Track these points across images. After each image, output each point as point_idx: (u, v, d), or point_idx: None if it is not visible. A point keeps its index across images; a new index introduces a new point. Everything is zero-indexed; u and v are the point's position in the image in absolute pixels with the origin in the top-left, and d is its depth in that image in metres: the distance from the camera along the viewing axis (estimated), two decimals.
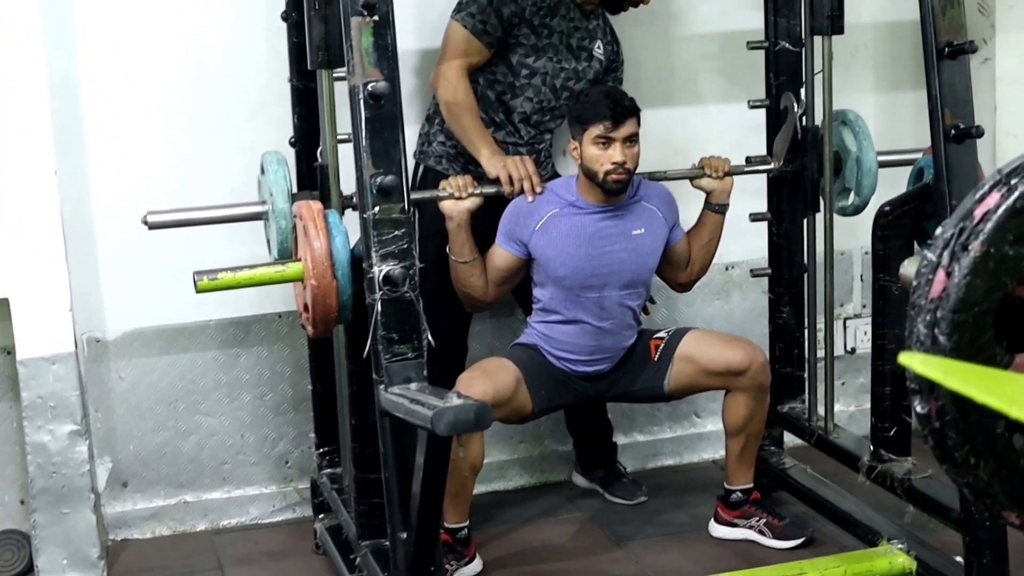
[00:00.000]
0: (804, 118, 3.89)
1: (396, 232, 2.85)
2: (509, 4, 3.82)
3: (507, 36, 3.85)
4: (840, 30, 3.78)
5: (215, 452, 4.18)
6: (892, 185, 3.86)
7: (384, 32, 2.86)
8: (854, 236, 4.32)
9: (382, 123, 2.86)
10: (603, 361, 3.78)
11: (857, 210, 3.91)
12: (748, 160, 3.99)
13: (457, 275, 3.68)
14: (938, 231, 1.70)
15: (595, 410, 4.28)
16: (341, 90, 3.06)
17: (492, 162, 3.73)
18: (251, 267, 3.05)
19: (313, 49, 3.19)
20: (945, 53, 3.19)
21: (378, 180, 2.84)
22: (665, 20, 4.34)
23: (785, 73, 3.96)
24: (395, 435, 2.90)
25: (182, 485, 4.17)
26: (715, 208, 3.84)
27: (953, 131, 3.18)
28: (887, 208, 3.52)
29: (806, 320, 4.08)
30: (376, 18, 2.85)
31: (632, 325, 3.80)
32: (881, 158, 3.86)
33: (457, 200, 3.57)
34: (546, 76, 3.91)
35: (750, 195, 4.06)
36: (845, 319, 4.70)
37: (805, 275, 4.05)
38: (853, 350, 4.71)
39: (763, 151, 4.03)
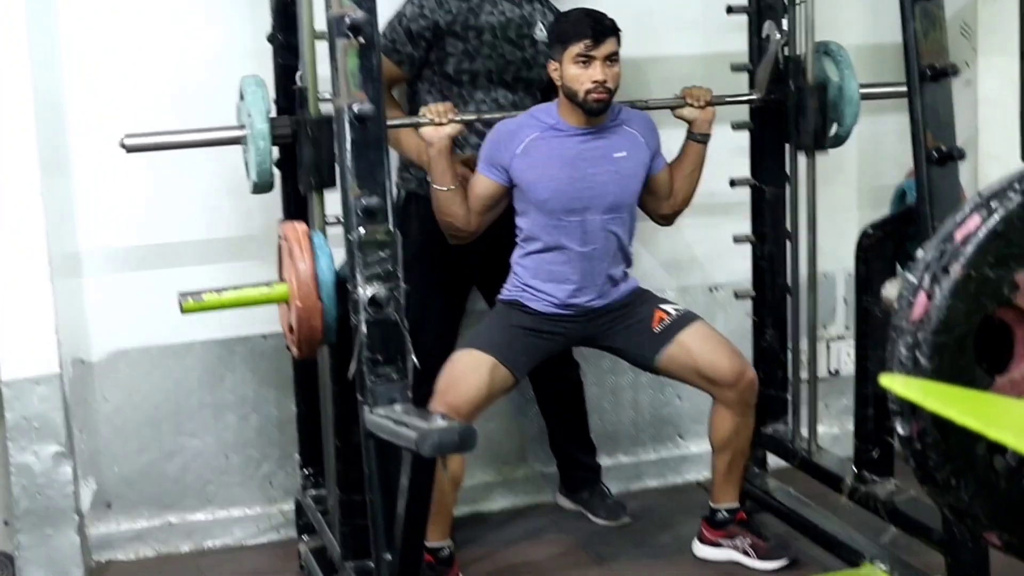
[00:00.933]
0: (786, 48, 3.87)
1: (381, 254, 2.85)
2: (418, 20, 3.85)
3: (429, 51, 3.87)
4: (823, 147, 3.81)
5: (200, 473, 4.16)
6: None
7: (370, 54, 2.87)
8: (837, 258, 4.33)
9: (367, 144, 2.87)
10: (589, 291, 3.72)
11: (839, 141, 3.88)
12: (732, 183, 4.00)
13: (439, 203, 3.66)
14: (919, 253, 1.71)
15: (579, 432, 4.27)
16: (326, 109, 3.06)
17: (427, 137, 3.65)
18: (236, 288, 3.04)
19: (304, 172, 3.21)
20: (927, 76, 3.21)
21: (363, 201, 2.85)
22: (649, 41, 4.35)
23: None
24: (380, 456, 2.90)
25: (166, 506, 4.15)
26: (697, 138, 3.83)
27: (935, 153, 3.20)
28: (870, 230, 3.53)
29: (789, 342, 4.09)
30: (362, 40, 2.86)
31: (617, 254, 3.75)
32: (864, 90, 3.83)
33: (438, 126, 3.58)
34: (491, 73, 3.91)
35: (733, 217, 4.08)
36: (828, 341, 4.71)
37: (788, 297, 4.06)
38: (836, 372, 4.72)
39: (747, 173, 4.05)
